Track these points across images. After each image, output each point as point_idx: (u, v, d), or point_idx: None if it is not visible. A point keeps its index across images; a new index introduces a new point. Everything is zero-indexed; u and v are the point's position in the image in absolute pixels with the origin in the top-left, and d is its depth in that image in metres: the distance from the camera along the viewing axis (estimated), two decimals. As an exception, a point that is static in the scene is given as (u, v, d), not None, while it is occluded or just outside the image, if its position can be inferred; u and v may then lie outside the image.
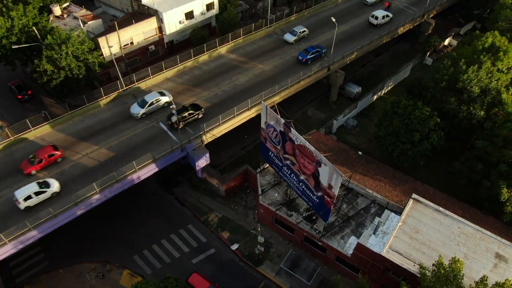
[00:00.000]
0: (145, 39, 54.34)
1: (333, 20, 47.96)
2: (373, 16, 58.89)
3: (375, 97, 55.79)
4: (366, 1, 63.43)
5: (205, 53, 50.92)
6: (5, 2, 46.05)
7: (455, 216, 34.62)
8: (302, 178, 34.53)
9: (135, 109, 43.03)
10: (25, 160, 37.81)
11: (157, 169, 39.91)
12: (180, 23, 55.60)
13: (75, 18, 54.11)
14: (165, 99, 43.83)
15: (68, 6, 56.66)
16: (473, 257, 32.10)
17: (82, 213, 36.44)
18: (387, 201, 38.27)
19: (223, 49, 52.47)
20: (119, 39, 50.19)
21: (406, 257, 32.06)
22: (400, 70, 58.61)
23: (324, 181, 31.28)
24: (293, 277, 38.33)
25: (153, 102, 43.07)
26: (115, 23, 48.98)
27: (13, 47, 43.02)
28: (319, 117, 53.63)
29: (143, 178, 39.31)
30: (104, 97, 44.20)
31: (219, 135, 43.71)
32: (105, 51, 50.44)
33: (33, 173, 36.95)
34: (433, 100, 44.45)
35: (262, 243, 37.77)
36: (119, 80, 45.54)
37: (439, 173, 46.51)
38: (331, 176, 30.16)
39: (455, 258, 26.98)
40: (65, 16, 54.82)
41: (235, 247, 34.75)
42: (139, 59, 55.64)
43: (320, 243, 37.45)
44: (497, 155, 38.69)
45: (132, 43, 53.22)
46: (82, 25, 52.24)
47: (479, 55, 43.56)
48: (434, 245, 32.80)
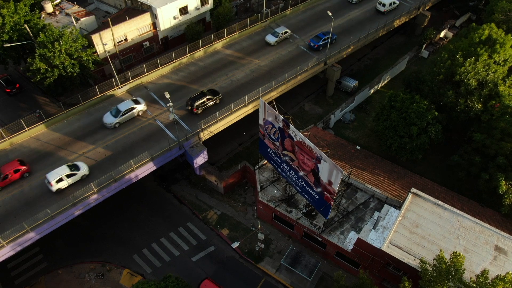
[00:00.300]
0: (139, 36, 53.69)
1: (330, 14, 47.59)
2: (380, 3, 58.74)
3: (372, 91, 55.65)
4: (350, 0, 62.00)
5: (201, 49, 50.40)
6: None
7: (454, 209, 34.70)
8: (301, 174, 34.40)
9: (108, 118, 40.79)
10: None
11: (154, 168, 39.58)
12: (174, 18, 54.99)
13: (68, 15, 53.26)
14: (140, 107, 41.81)
15: (60, 2, 55.75)
16: (472, 250, 32.24)
17: (80, 213, 36.12)
18: (386, 195, 38.31)
19: (218, 45, 51.95)
20: (113, 36, 49.46)
21: (406, 252, 32.12)
22: (396, 63, 58.46)
23: (324, 177, 31.15)
24: (293, 273, 38.37)
25: (127, 110, 40.88)
26: (109, 19, 48.21)
27: (5, 45, 42.25)
28: (316, 111, 53.44)
29: (141, 177, 38.97)
30: (99, 95, 43.60)
31: (216, 132, 43.40)
32: (99, 48, 49.77)
33: None
34: (430, 93, 44.38)
35: (262, 240, 37.71)
36: (114, 77, 44.94)
37: (437, 166, 46.64)
38: (331, 172, 30.03)
39: (456, 252, 27.04)
40: (57, 13, 53.93)
41: (235, 245, 34.64)
42: (134, 56, 55.02)
43: (320, 239, 37.46)
44: (495, 148, 38.77)
45: (126, 40, 52.56)
46: (74, 22, 51.47)
47: (476, 47, 43.45)
48: (434, 239, 32.89)
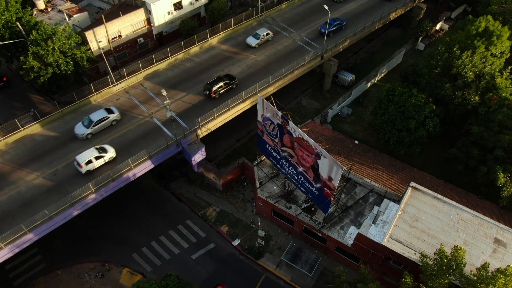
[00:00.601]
0: (133, 32, 53.03)
1: (326, 7, 47.21)
2: None
3: (369, 85, 55.50)
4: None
5: (196, 44, 49.84)
6: (-15, -3, 44.32)
7: (453, 202, 34.80)
8: (300, 170, 34.28)
9: (79, 129, 39.11)
10: None
11: (152, 166, 39.25)
12: (168, 14, 54.37)
13: (60, 11, 52.44)
14: (114, 117, 40.30)
15: (51, -1, 54.92)
16: (472, 243, 32.40)
17: (78, 213, 35.81)
18: (385, 189, 38.34)
19: (214, 40, 51.42)
20: (107, 32, 48.80)
21: (406, 246, 32.22)
22: (392, 56, 58.24)
23: (324, 173, 31.05)
24: (294, 268, 38.41)
25: (100, 120, 39.43)
26: (102, 15, 47.50)
27: (-3, 43, 41.60)
28: (314, 106, 53.24)
29: (139, 175, 38.65)
30: (95, 93, 43.05)
31: (214, 129, 43.09)
32: (93, 45, 49.09)
33: None
34: (427, 86, 44.30)
35: (262, 237, 37.64)
36: (109, 74, 44.39)
37: (435, 159, 46.72)
38: (331, 168, 29.92)
39: (457, 246, 27.14)
40: (49, 9, 53.08)
41: (236, 242, 34.56)
42: (128, 53, 54.38)
43: (320, 234, 37.47)
44: (493, 140, 38.84)
45: (120, 36, 51.90)
46: (67, 19, 50.68)
47: (472, 40, 43.35)
48: (434, 232, 33.00)
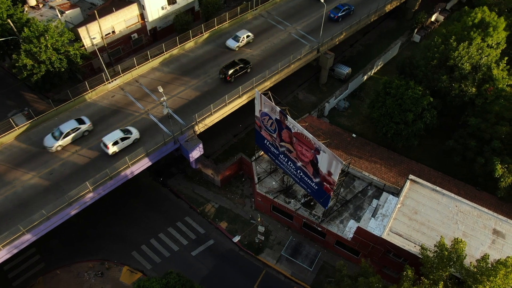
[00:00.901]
0: (127, 27, 52.33)
1: (322, 1, 46.83)
2: None
3: (365, 77, 55.35)
4: None
5: (191, 39, 49.29)
6: (-25, -6, 43.46)
7: (452, 194, 34.91)
8: (299, 165, 34.15)
9: (49, 141, 37.40)
10: None
11: (150, 163, 38.95)
12: (162, 8, 53.71)
13: (52, 8, 51.51)
14: (85, 127, 38.73)
15: (43, -5, 53.91)
16: (471, 235, 32.57)
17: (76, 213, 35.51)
18: (383, 183, 38.38)
19: (209, 35, 50.87)
20: (100, 29, 48.14)
21: (406, 239, 32.32)
22: (388, 48, 58.11)
23: (323, 168, 30.95)
24: (294, 263, 38.46)
25: (70, 131, 37.82)
26: (95, 11, 46.82)
27: (-12, 42, 40.86)
28: (310, 100, 53.04)
29: (136, 173, 38.35)
30: (90, 91, 42.51)
31: (211, 125, 42.81)
32: (86, 42, 48.41)
33: None
34: (424, 78, 44.24)
35: (262, 232, 37.61)
36: (104, 71, 43.84)
37: (433, 151, 46.80)
38: (330, 163, 29.82)
39: (457, 239, 27.23)
40: (41, 6, 52.15)
41: (237, 239, 34.48)
42: (122, 49, 53.71)
43: (319, 229, 37.50)
44: (490, 132, 38.93)
45: (113, 32, 51.19)
46: (59, 15, 49.83)
47: (469, 31, 43.24)
48: (433, 225, 33.12)
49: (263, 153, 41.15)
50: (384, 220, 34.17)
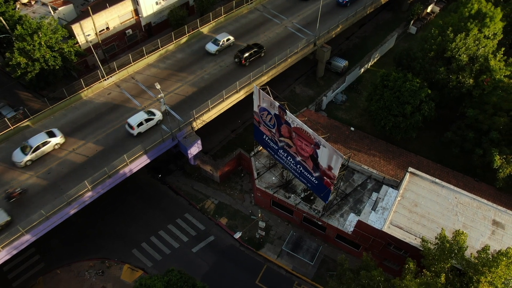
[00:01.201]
0: (121, 23, 51.73)
1: (317, -7, 46.51)
2: None
3: (362, 70, 55.19)
4: None
5: (187, 34, 48.85)
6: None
7: (452, 186, 35.01)
8: (299, 160, 34.06)
9: (17, 156, 35.73)
10: None
11: (149, 161, 38.75)
12: (156, 4, 53.12)
13: (44, 4, 50.72)
14: (56, 140, 36.93)
15: (34, -9, 53.02)
16: (471, 226, 32.73)
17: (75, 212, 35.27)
18: (383, 176, 38.44)
19: (204, 30, 50.44)
20: (94, 25, 47.51)
21: (407, 231, 32.42)
22: (385, 40, 57.89)
23: (323, 162, 30.88)
24: (295, 257, 38.52)
25: (40, 145, 36.02)
26: (88, 7, 46.12)
27: (-20, 40, 40.18)
28: (308, 94, 52.85)
29: (135, 170, 38.12)
30: (85, 88, 42.01)
31: (209, 120, 42.56)
32: (80, 39, 47.81)
33: None
34: (422, 70, 44.16)
35: (263, 228, 37.59)
36: (99, 68, 43.34)
37: (431, 143, 46.88)
38: (330, 157, 29.75)
39: (459, 230, 27.34)
40: (33, 3, 51.32)
41: (238, 235, 34.44)
42: (117, 45, 53.14)
43: (320, 223, 37.54)
44: (488, 123, 39.02)
45: (108, 28, 50.59)
46: (52, 12, 49.07)
47: (466, 22, 43.14)
48: (433, 217, 33.23)
49: (262, 148, 41.00)
50: (384, 213, 34.23)
